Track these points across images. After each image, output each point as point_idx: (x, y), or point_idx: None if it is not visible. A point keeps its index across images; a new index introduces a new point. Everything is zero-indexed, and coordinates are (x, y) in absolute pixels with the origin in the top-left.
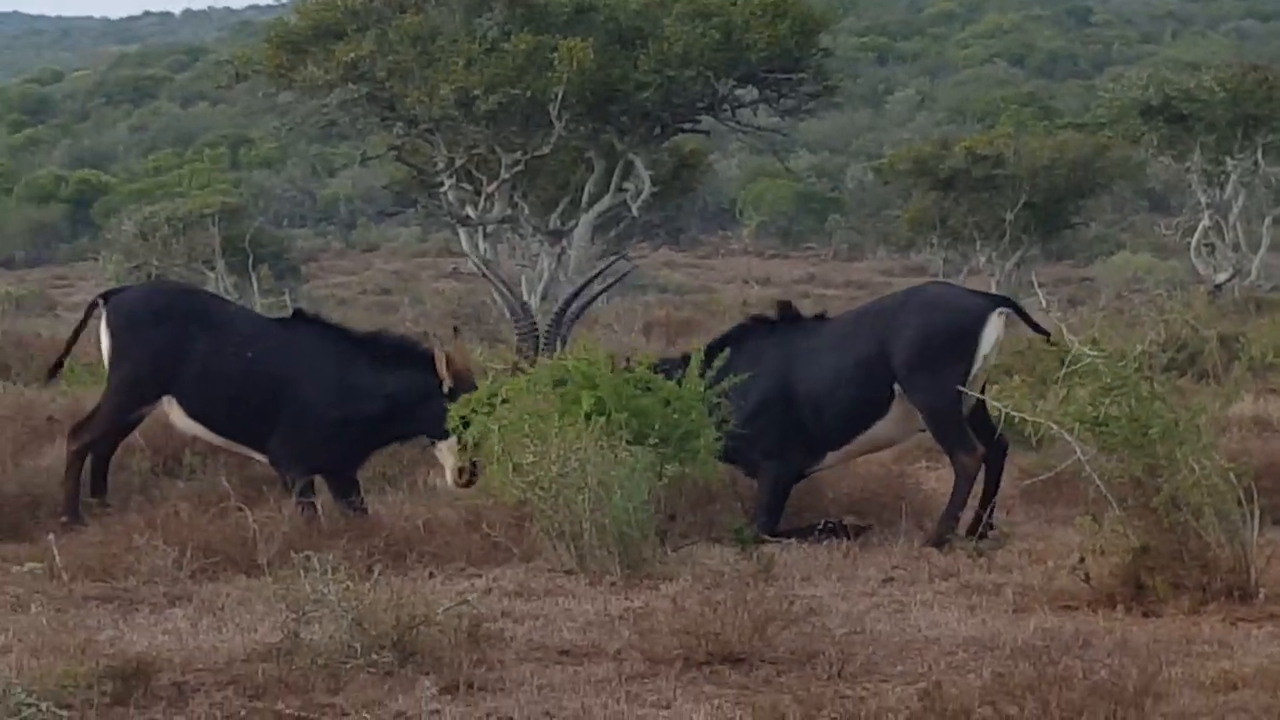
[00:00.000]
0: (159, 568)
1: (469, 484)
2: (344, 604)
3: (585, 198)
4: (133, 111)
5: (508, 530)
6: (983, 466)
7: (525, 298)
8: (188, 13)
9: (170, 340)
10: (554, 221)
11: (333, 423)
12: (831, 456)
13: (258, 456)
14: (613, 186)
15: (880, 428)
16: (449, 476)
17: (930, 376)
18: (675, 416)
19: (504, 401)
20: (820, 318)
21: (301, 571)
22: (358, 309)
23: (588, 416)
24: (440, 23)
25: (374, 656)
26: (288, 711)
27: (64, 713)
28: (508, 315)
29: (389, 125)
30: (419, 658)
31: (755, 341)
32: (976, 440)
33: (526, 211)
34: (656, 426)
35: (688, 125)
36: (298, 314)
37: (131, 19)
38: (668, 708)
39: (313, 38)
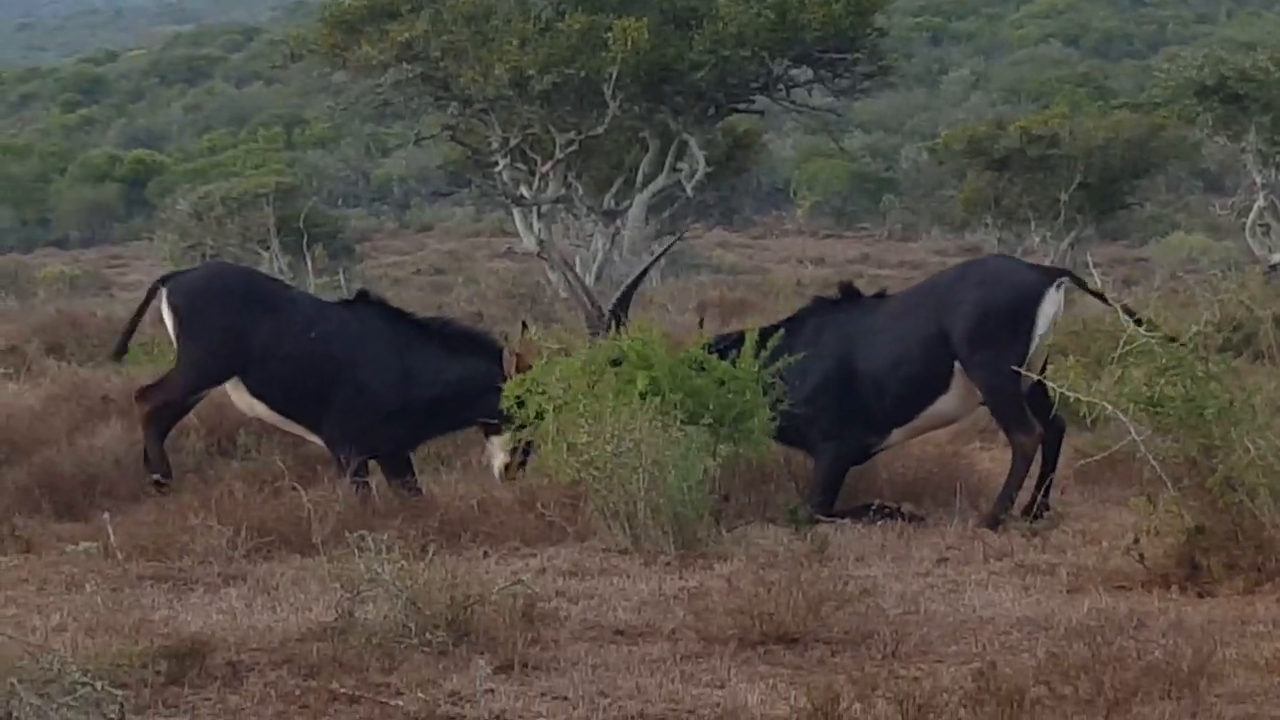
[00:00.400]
0: (214, 547)
1: (514, 479)
2: (399, 583)
3: (639, 178)
4: (187, 91)
5: (562, 510)
6: (1040, 446)
7: (581, 277)
8: None
9: (235, 321)
10: (608, 201)
11: (390, 407)
12: (896, 434)
13: (313, 438)
14: (667, 166)
15: (942, 404)
16: (496, 471)
17: (989, 353)
18: (729, 396)
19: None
20: (880, 296)
21: (356, 551)
22: (412, 289)
23: (643, 396)
24: (494, 2)
25: (428, 636)
26: (342, 690)
27: (119, 692)
28: (562, 296)
29: (443, 105)
30: (473, 637)
31: (817, 320)
32: (1035, 420)
33: (581, 191)
34: (711, 406)
35: (742, 105)
36: (361, 295)
37: None
38: (722, 687)
39: (367, 17)
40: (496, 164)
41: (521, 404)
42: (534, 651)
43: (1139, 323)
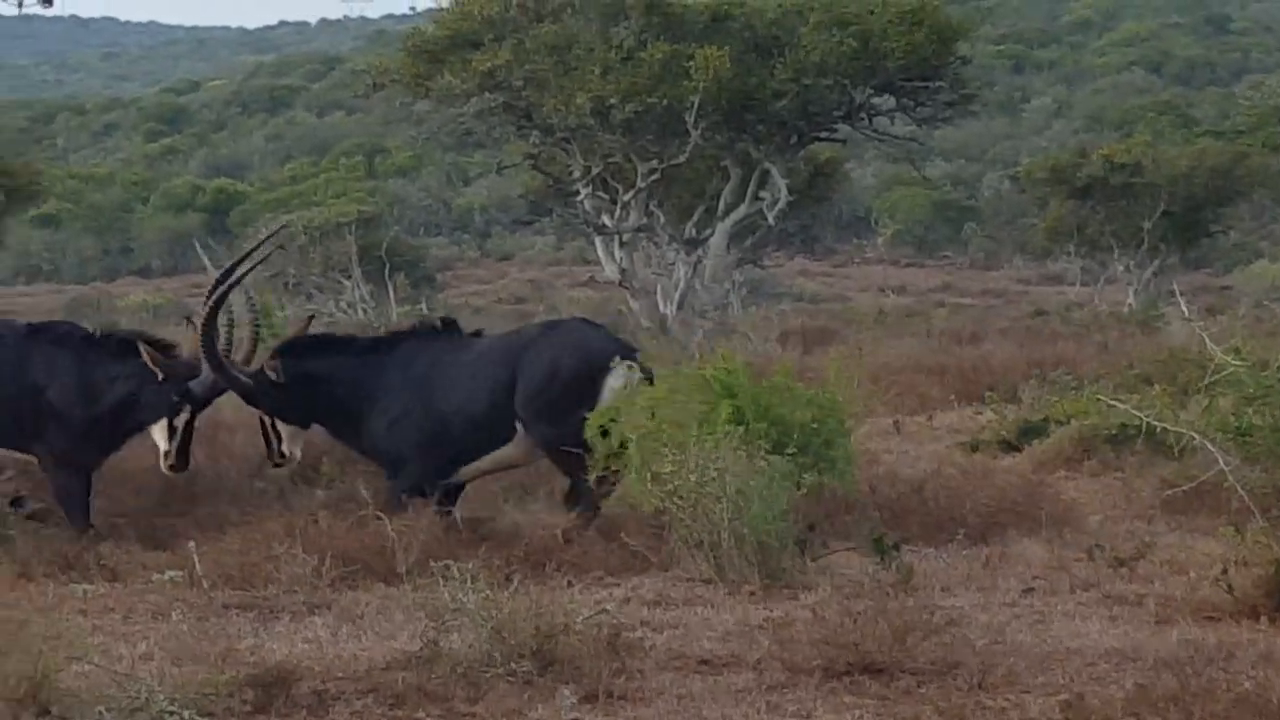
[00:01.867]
0: (298, 576)
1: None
2: (483, 613)
3: (721, 206)
4: (269, 121)
5: (646, 540)
6: None
7: (661, 307)
8: (323, 22)
9: None
10: (690, 230)
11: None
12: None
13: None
14: (749, 195)
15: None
16: (162, 460)
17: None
18: (814, 425)
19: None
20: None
21: (441, 580)
22: (494, 317)
23: (726, 425)
24: (577, 32)
25: (513, 665)
26: None
27: None
28: (645, 325)
29: (525, 134)
30: (558, 666)
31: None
32: None
33: (662, 220)
34: (795, 435)
35: (824, 134)
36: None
37: (267, 29)
38: (808, 718)
39: (450, 47)
40: (578, 193)
41: (605, 434)
42: (619, 681)
43: None
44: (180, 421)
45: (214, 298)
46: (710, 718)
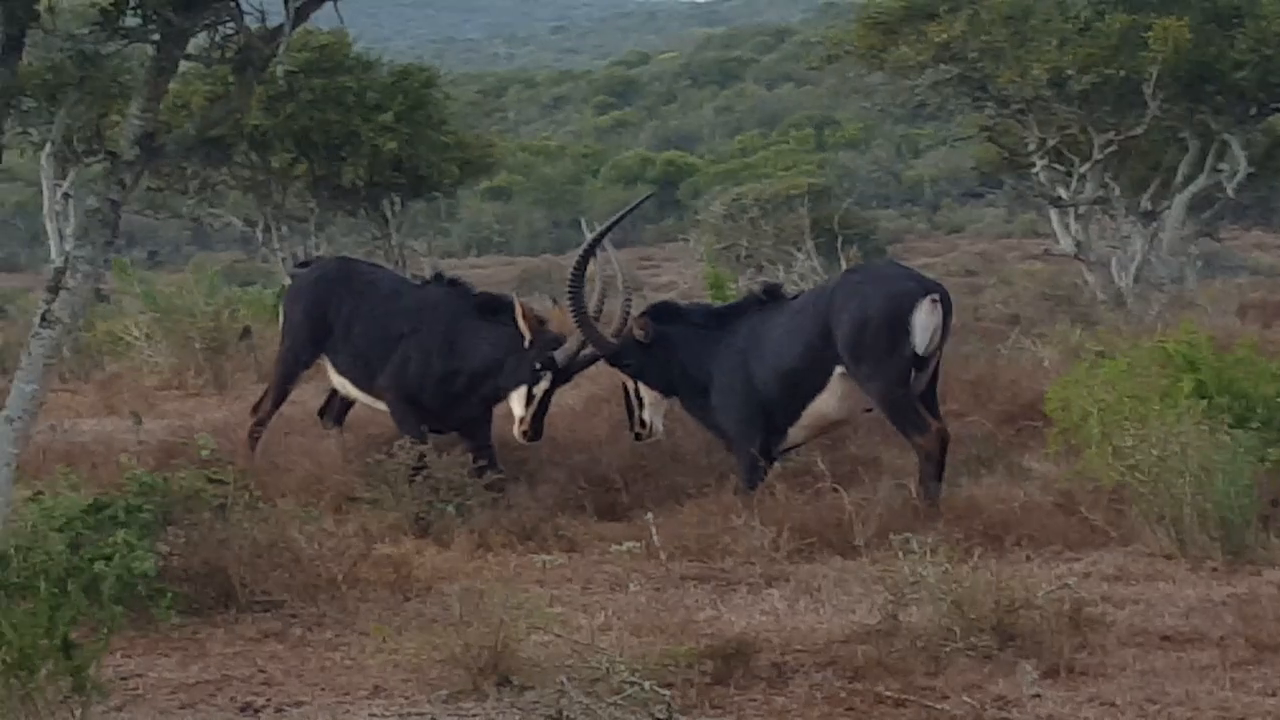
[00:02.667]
0: (756, 548)
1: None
2: (943, 586)
3: (1179, 178)
4: (718, 93)
5: (1105, 514)
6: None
7: (1117, 280)
8: None
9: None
10: (1145, 202)
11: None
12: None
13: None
14: (1207, 167)
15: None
16: (515, 426)
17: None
18: (1278, 399)
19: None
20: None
21: (899, 553)
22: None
23: (1188, 399)
24: (1033, 2)
25: (973, 640)
26: (887, 693)
27: (665, 691)
28: (1100, 299)
29: (980, 106)
30: (1019, 641)
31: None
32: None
33: (1118, 192)
34: (1259, 410)
35: None
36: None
37: (717, 1)
38: (1274, 695)
39: (905, 18)
40: (1033, 165)
41: (1066, 407)
42: (1080, 657)
43: None
44: (539, 390)
45: (579, 258)
46: (1173, 694)
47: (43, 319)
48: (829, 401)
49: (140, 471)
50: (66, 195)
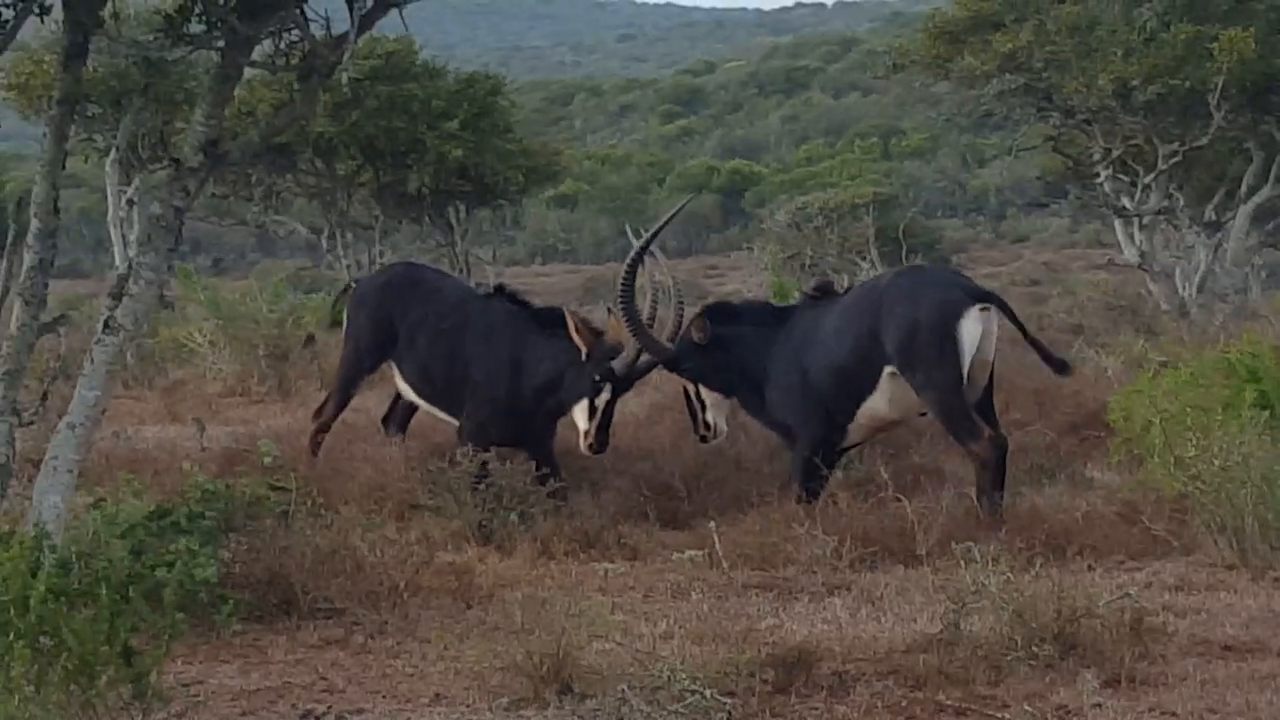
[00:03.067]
0: (818, 557)
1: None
2: (1004, 595)
3: (1243, 189)
4: (784, 102)
5: (1167, 523)
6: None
7: (1181, 290)
8: (840, 4)
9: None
10: (1210, 213)
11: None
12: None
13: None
14: (1272, 177)
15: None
16: (581, 439)
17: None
18: None
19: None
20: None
21: (961, 562)
22: (1010, 299)
23: (1251, 410)
24: (1099, 13)
25: (1034, 649)
26: (948, 702)
27: (726, 700)
28: (1164, 309)
29: (1045, 116)
30: (1080, 651)
31: None
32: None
33: (1182, 203)
34: None
35: None
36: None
37: (784, 10)
38: None
39: (971, 28)
40: (1098, 174)
41: (1129, 417)
42: (1142, 666)
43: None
44: (601, 401)
45: (627, 267)
46: (1235, 705)
47: (105, 325)
48: (880, 402)
49: (203, 478)
50: (131, 202)
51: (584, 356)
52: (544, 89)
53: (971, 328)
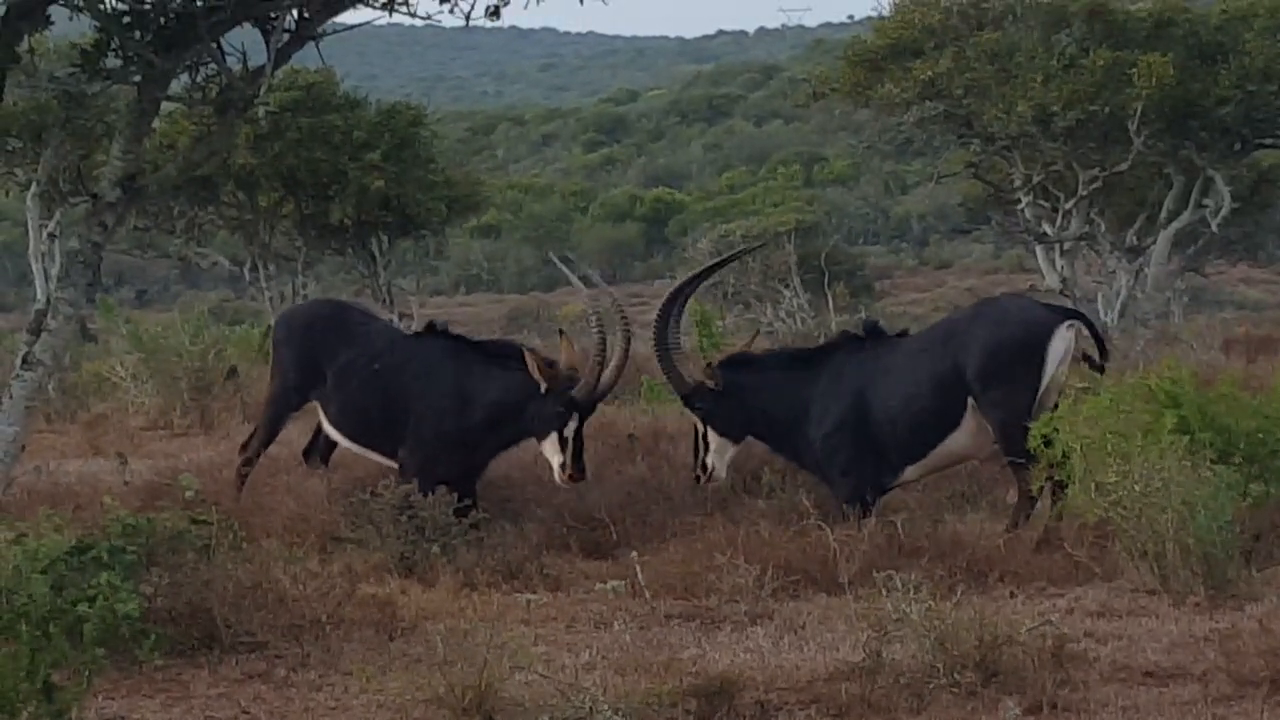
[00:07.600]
0: (740, 586)
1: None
2: (926, 623)
3: (1163, 214)
4: (706, 130)
5: (1089, 550)
6: None
7: (1103, 315)
8: (761, 31)
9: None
10: (1131, 238)
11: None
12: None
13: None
14: (1192, 203)
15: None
16: (557, 473)
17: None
18: (1260, 435)
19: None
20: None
21: (883, 590)
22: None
23: (1171, 435)
24: (1018, 40)
25: (956, 676)
26: None
27: None
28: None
29: (965, 142)
30: (1002, 678)
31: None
32: None
33: (1103, 228)
34: (1241, 445)
35: (1268, 140)
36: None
37: (706, 38)
38: None
39: (891, 55)
40: (1019, 201)
41: (1049, 443)
42: (1063, 693)
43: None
44: (570, 431)
45: (665, 301)
46: None
47: (24, 361)
48: (961, 439)
49: (124, 513)
50: (52, 235)
51: (543, 390)
52: (467, 119)
53: (1059, 345)
